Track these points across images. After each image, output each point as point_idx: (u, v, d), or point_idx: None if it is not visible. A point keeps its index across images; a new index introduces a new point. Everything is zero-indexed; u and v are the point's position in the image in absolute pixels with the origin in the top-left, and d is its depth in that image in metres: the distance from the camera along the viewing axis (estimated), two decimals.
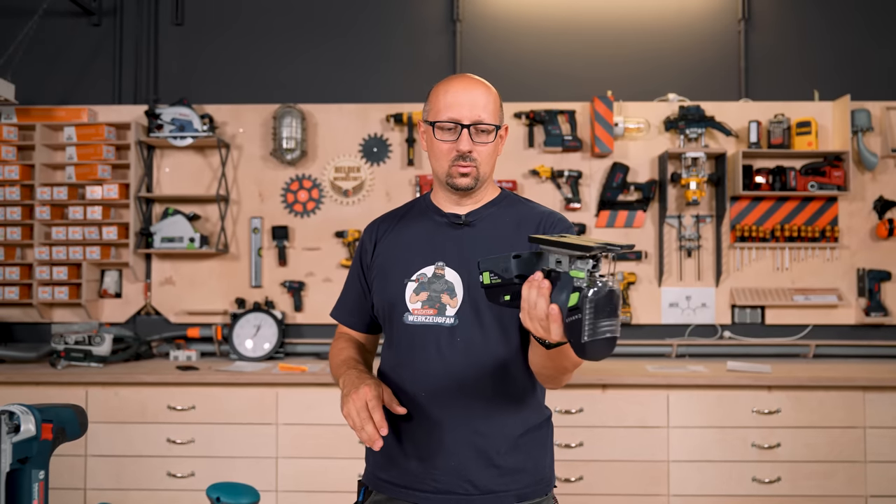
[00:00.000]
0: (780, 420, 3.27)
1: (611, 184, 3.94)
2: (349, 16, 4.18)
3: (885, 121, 3.94)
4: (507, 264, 1.34)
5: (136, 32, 4.21)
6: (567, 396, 3.29)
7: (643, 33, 4.13)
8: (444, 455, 1.61)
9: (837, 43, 4.10)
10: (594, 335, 1.19)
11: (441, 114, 1.63)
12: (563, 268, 1.26)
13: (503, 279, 1.35)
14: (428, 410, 1.62)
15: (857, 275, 3.95)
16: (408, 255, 1.69)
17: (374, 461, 1.73)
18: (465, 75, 1.69)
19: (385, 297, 1.70)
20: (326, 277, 4.01)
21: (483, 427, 1.61)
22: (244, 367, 3.56)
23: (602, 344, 1.21)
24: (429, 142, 1.69)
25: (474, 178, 1.65)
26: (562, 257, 1.26)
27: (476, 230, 1.69)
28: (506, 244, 1.63)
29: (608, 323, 1.20)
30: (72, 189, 3.94)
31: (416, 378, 1.64)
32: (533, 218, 1.70)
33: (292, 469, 3.34)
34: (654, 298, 3.97)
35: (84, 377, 3.40)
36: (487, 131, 1.64)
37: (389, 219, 1.81)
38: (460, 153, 1.63)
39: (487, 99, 1.65)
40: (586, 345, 1.20)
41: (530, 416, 1.67)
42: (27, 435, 1.36)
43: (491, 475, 1.61)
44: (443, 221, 1.71)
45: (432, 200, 1.76)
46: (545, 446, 1.71)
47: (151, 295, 4.05)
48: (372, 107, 4.05)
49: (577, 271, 1.23)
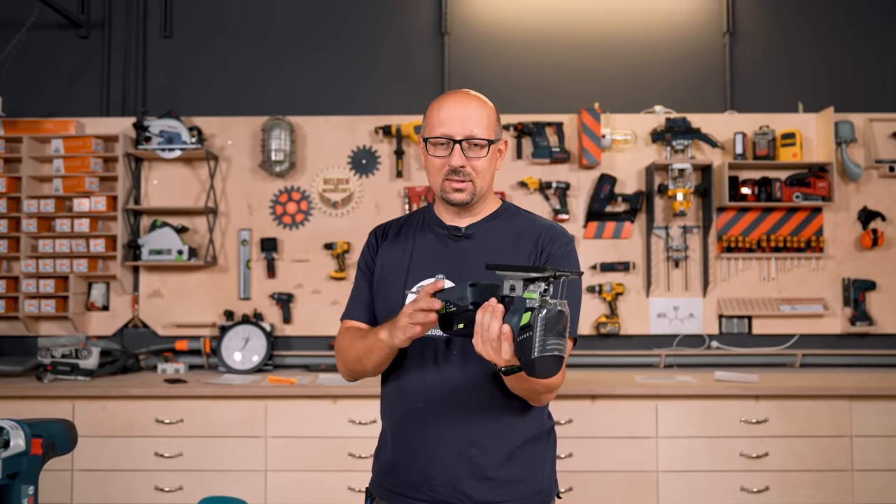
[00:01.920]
0: (768, 429, 3.29)
1: (599, 195, 3.96)
2: (337, 28, 4.20)
3: (868, 132, 3.99)
4: (462, 292, 1.40)
5: (124, 44, 4.20)
6: (556, 407, 3.29)
7: (630, 46, 4.17)
8: (439, 466, 1.62)
9: (821, 56, 4.16)
10: (543, 351, 1.27)
11: (434, 130, 1.64)
12: (516, 293, 1.33)
13: (458, 307, 1.41)
14: (424, 421, 1.64)
15: (842, 284, 3.99)
16: (408, 266, 1.70)
17: (378, 469, 1.75)
18: (461, 91, 1.70)
19: (385, 306, 1.71)
20: (315, 289, 4.01)
21: (479, 439, 1.62)
22: (233, 380, 3.54)
23: (550, 361, 1.28)
24: (424, 157, 1.69)
25: (470, 193, 1.66)
26: (516, 283, 1.34)
27: (476, 243, 1.70)
28: (504, 256, 1.65)
29: (556, 342, 1.28)
30: (59, 201, 3.92)
31: (413, 389, 1.65)
32: (533, 231, 1.70)
33: (281, 482, 3.32)
34: (642, 309, 3.99)
35: (71, 391, 3.38)
36: (480, 146, 1.64)
37: (393, 227, 1.81)
38: (452, 168, 1.63)
39: (481, 114, 1.65)
40: (535, 360, 1.27)
41: (528, 427, 1.68)
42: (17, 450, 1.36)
43: (486, 487, 1.62)
44: (443, 233, 1.72)
45: (434, 212, 1.76)
46: (544, 458, 1.71)
47: (139, 308, 4.02)
48: (360, 119, 4.06)
49: (530, 293, 1.31)
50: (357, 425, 3.30)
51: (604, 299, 3.98)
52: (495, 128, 1.68)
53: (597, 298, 3.99)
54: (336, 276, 3.96)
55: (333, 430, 3.32)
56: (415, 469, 1.64)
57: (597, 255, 3.99)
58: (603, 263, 3.97)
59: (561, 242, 1.67)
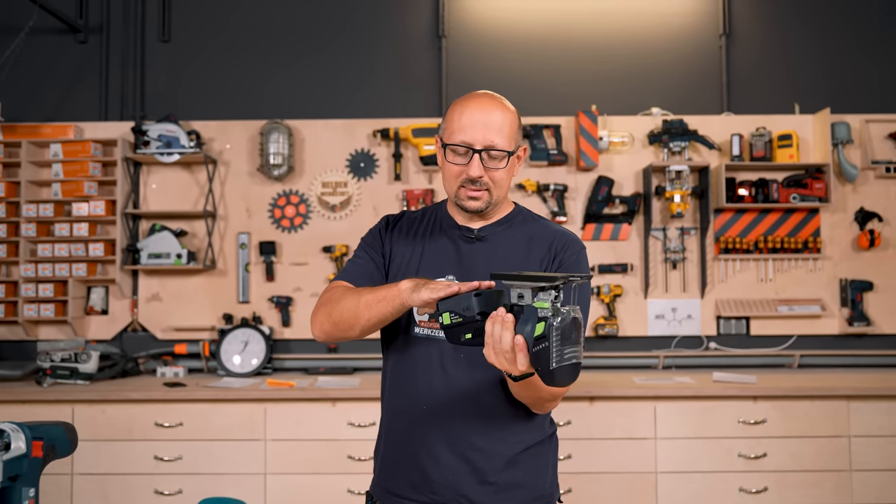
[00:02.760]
0: (766, 430, 3.30)
1: (596, 197, 3.97)
2: (335, 32, 4.21)
3: (864, 133, 4.00)
4: (468, 302, 1.37)
5: (122, 49, 4.21)
6: (555, 409, 3.29)
7: (627, 49, 4.18)
8: (441, 469, 1.62)
9: (817, 57, 4.17)
10: (561, 361, 1.24)
11: (454, 135, 1.60)
12: (525, 301, 1.30)
13: (465, 317, 1.37)
14: (428, 424, 1.63)
15: (839, 285, 4.00)
16: (418, 266, 1.68)
17: (380, 471, 1.74)
18: (484, 94, 1.64)
19: None
20: (314, 292, 4.01)
21: (481, 443, 1.62)
22: (232, 383, 3.55)
23: (568, 370, 1.26)
24: (441, 160, 1.66)
25: (485, 201, 1.63)
26: (524, 291, 1.30)
27: (488, 245, 1.68)
28: (516, 260, 1.64)
29: (573, 350, 1.26)
30: (58, 206, 3.92)
31: (417, 391, 1.64)
32: (546, 236, 1.68)
33: (281, 485, 3.32)
34: (641, 310, 4.00)
35: (70, 395, 3.38)
36: (500, 157, 1.60)
37: (407, 219, 1.78)
38: (470, 178, 1.60)
39: (503, 122, 1.60)
40: (554, 371, 1.25)
41: (530, 433, 1.68)
42: (17, 453, 1.36)
43: (487, 492, 1.62)
44: (455, 234, 1.70)
45: (447, 211, 1.74)
46: (546, 462, 1.71)
47: (138, 311, 4.03)
48: (359, 122, 4.07)
49: (541, 302, 1.27)
50: (356, 428, 3.31)
51: (602, 301, 3.98)
52: (516, 136, 1.64)
53: (595, 300, 3.99)
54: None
55: (332, 432, 3.33)
56: (416, 470, 1.64)
57: (595, 256, 4.00)
58: (601, 265, 3.98)
59: (573, 250, 1.66)
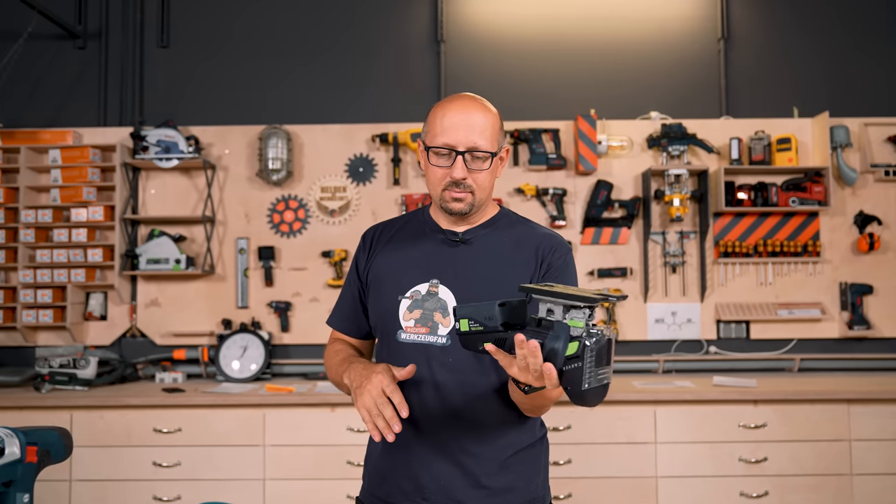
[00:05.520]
0: (767, 434, 3.29)
1: (595, 201, 3.97)
2: (334, 37, 4.21)
3: (863, 137, 4.00)
4: (491, 312, 1.31)
5: (121, 55, 4.22)
6: (555, 413, 3.29)
7: (625, 53, 4.18)
8: (433, 475, 1.61)
9: (815, 61, 4.18)
10: (593, 383, 1.22)
11: (437, 138, 1.59)
12: (555, 317, 1.25)
13: (486, 327, 1.32)
14: (418, 429, 1.62)
15: (839, 289, 3.99)
16: (402, 271, 1.67)
17: (370, 478, 1.73)
18: (465, 96, 1.64)
19: (379, 311, 1.69)
20: (313, 297, 4.01)
21: (473, 447, 1.61)
22: (231, 389, 3.54)
23: (598, 391, 1.24)
24: (424, 164, 1.65)
25: (469, 203, 1.62)
26: (554, 306, 1.25)
27: (472, 248, 1.67)
28: (502, 263, 1.63)
29: (605, 371, 1.23)
30: (56, 211, 3.92)
31: (407, 397, 1.63)
32: (533, 239, 1.67)
33: (280, 491, 3.31)
34: (640, 314, 3.99)
35: (69, 401, 3.37)
36: (483, 158, 1.59)
37: (387, 228, 1.78)
38: (454, 180, 1.59)
39: (485, 123, 1.59)
40: (586, 392, 1.22)
41: (522, 436, 1.67)
42: (11, 458, 1.35)
43: (480, 496, 1.61)
44: (439, 238, 1.69)
45: (431, 215, 1.74)
46: (537, 465, 1.70)
47: (137, 317, 4.02)
48: (357, 127, 4.07)
49: (575, 321, 1.22)
50: (355, 433, 3.30)
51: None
52: (499, 137, 1.63)
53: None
54: (334, 284, 3.96)
55: (332, 438, 3.32)
56: (407, 477, 1.63)
57: (594, 261, 4.00)
58: (600, 269, 3.97)
59: (561, 252, 1.65)
